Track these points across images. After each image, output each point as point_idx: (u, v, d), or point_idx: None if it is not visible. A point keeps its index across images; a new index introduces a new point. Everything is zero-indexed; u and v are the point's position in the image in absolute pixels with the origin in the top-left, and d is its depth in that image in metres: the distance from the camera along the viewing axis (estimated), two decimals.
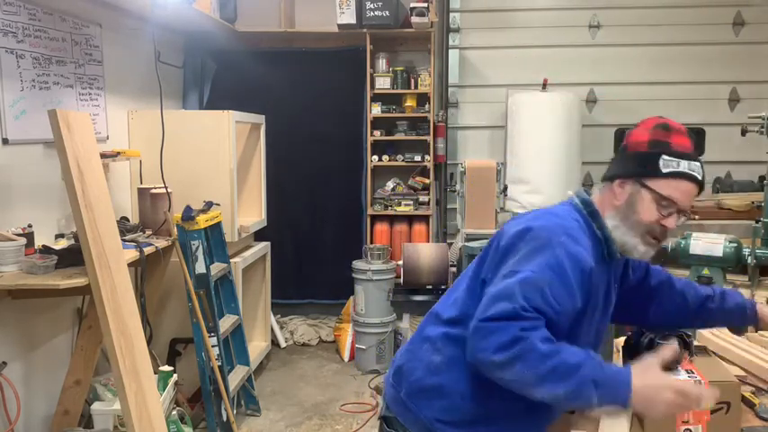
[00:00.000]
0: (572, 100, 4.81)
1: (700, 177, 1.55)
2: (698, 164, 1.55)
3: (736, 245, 3.34)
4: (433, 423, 1.61)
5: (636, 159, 1.57)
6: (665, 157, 1.53)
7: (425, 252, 4.30)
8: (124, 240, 3.19)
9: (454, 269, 4.25)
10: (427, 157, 5.18)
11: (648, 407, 1.34)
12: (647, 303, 1.84)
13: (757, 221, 3.40)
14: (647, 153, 1.55)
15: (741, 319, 1.85)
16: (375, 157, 5.20)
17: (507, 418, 1.58)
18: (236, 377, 3.81)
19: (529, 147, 4.83)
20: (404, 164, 5.24)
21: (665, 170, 1.53)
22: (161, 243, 3.40)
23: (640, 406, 1.34)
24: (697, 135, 5.25)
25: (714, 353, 1.99)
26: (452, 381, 1.60)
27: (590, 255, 1.51)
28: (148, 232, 3.54)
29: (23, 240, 2.77)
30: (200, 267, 3.52)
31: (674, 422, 1.66)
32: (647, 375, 1.36)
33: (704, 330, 2.36)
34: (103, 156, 3.26)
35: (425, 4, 4.85)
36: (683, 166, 1.53)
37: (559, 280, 1.43)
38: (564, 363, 1.34)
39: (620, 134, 5.31)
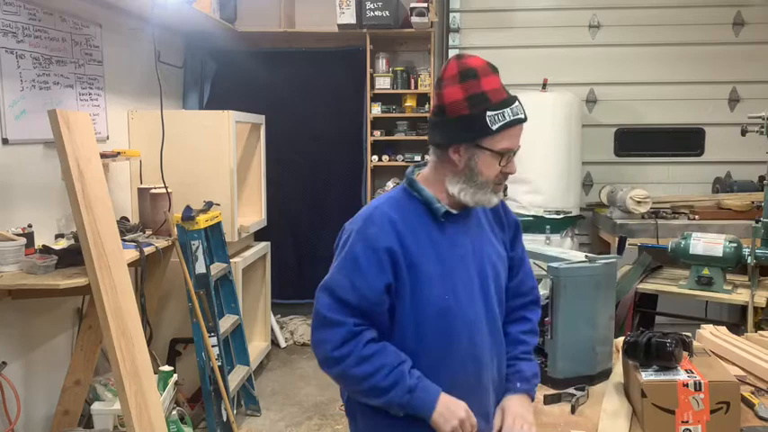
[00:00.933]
0: (572, 100, 4.81)
1: (524, 116, 1.55)
2: (518, 104, 1.54)
3: (736, 245, 3.34)
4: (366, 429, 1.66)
5: (462, 123, 1.53)
6: (489, 113, 1.51)
7: None
8: (124, 240, 3.19)
9: None
10: (427, 157, 5.16)
11: (442, 425, 1.50)
12: None
13: (757, 221, 3.41)
14: (472, 115, 1.51)
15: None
16: (375, 157, 5.19)
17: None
18: (236, 377, 3.81)
19: (529, 147, 4.81)
20: (404, 164, 5.23)
21: (494, 127, 1.51)
22: (161, 243, 3.40)
23: (437, 424, 1.51)
24: (697, 135, 5.27)
25: (714, 353, 1.99)
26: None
27: (389, 232, 1.56)
28: (148, 232, 3.54)
29: (23, 240, 2.77)
30: (201, 267, 3.52)
31: (673, 422, 1.66)
32: (450, 403, 1.51)
33: (705, 331, 2.37)
34: (103, 156, 3.27)
35: (425, 4, 4.85)
36: (508, 114, 1.52)
37: (353, 267, 1.54)
38: (375, 387, 1.50)
39: (621, 134, 5.33)
